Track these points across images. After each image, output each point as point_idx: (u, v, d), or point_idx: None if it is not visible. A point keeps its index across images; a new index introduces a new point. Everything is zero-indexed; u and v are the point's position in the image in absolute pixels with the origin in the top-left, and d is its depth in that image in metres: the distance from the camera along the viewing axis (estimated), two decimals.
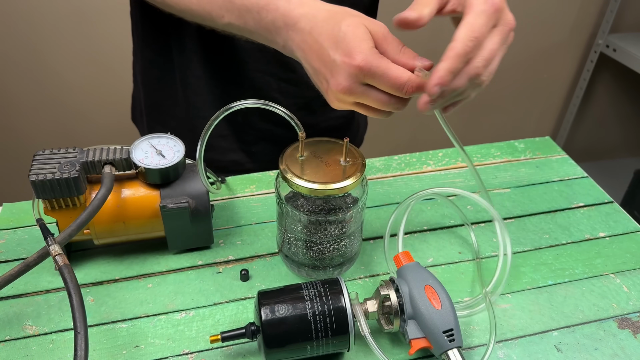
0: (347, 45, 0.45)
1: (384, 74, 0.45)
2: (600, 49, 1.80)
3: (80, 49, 1.46)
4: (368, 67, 0.45)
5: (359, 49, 0.45)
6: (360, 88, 0.46)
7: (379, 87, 0.46)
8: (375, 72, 0.45)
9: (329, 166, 0.53)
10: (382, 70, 0.45)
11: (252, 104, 0.52)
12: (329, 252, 0.57)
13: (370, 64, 0.45)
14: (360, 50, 0.45)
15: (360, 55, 0.45)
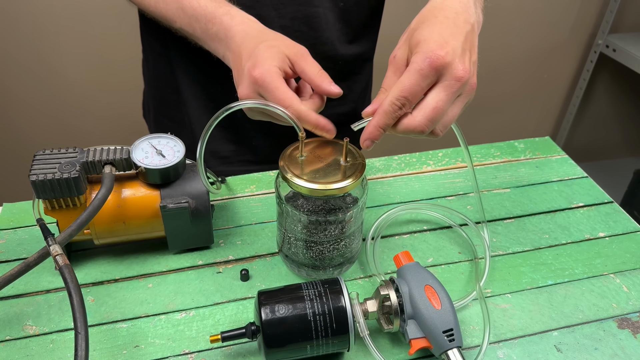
0: (255, 59, 0.52)
1: (272, 91, 0.51)
2: (600, 49, 1.80)
3: (81, 48, 1.46)
4: (262, 81, 0.51)
5: (261, 64, 0.51)
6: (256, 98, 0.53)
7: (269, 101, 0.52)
8: (267, 87, 0.51)
9: (329, 166, 0.53)
10: (272, 88, 0.51)
11: (252, 104, 0.52)
12: (329, 252, 0.57)
13: (264, 79, 0.51)
14: (262, 65, 0.51)
15: (259, 70, 0.51)
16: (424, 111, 0.47)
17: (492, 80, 1.81)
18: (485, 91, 1.83)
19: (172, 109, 0.84)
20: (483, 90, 1.90)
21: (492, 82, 1.81)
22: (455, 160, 0.79)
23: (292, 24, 0.72)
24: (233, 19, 0.57)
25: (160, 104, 0.86)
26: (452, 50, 0.46)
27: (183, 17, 0.61)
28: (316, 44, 0.74)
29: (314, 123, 0.52)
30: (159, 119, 0.88)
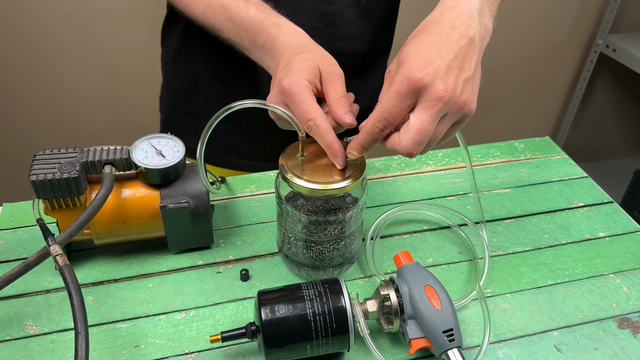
0: (288, 69, 0.52)
1: (297, 103, 0.51)
2: (600, 49, 1.80)
3: (81, 49, 1.46)
4: (289, 92, 0.51)
5: (292, 75, 0.51)
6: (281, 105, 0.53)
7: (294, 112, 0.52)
8: (293, 98, 0.51)
9: (328, 166, 0.53)
10: (298, 100, 0.51)
11: (252, 104, 0.52)
12: (329, 252, 0.57)
13: (291, 89, 0.51)
14: (292, 75, 0.51)
15: (288, 80, 0.51)
16: (409, 134, 0.46)
17: (492, 80, 1.81)
18: (485, 91, 1.83)
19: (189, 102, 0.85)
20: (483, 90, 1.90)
21: (492, 82, 1.81)
22: (455, 160, 0.79)
23: (309, 22, 0.71)
24: (280, 30, 0.57)
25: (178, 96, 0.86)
26: (433, 70, 0.45)
27: (231, 28, 0.62)
28: (332, 40, 0.74)
29: (328, 143, 0.51)
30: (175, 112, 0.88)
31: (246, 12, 0.60)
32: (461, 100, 0.46)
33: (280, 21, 0.59)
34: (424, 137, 0.46)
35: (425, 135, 0.46)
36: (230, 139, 0.85)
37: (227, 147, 0.86)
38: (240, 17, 0.60)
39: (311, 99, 0.51)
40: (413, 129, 0.46)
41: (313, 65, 0.53)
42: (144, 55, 1.51)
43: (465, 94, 0.46)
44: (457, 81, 0.46)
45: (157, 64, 1.55)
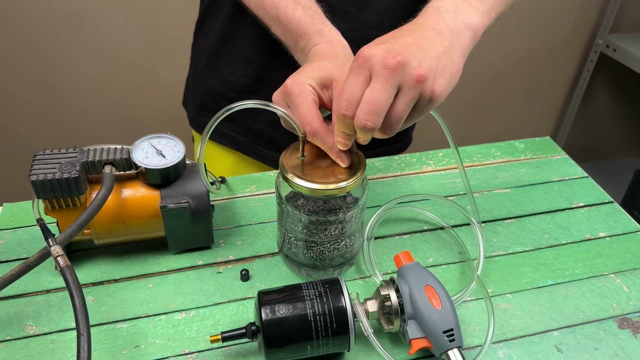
0: (299, 71, 0.52)
1: (296, 105, 0.51)
2: (600, 49, 1.80)
3: (80, 48, 1.46)
4: (290, 92, 0.51)
5: (298, 77, 0.51)
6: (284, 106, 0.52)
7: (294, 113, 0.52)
8: (292, 100, 0.51)
9: (329, 166, 0.53)
10: (297, 102, 0.51)
11: (252, 104, 0.52)
12: (329, 252, 0.57)
13: (292, 90, 0.51)
14: (298, 77, 0.51)
15: (292, 81, 0.51)
16: (361, 105, 0.45)
17: (492, 80, 1.81)
18: (486, 91, 1.83)
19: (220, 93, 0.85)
20: (483, 90, 1.90)
21: (492, 82, 1.81)
22: (454, 161, 0.79)
23: (340, 4, 0.70)
24: (322, 37, 0.57)
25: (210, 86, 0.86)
26: (383, 45, 0.45)
27: (278, 26, 0.62)
28: (363, 27, 0.73)
29: (329, 146, 0.51)
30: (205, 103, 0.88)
31: (293, 14, 0.60)
32: (416, 73, 0.45)
33: (324, 28, 0.58)
34: (377, 108, 0.45)
35: (377, 105, 0.45)
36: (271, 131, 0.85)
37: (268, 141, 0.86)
38: (287, 17, 0.60)
39: (310, 103, 0.51)
40: (365, 99, 0.45)
41: (326, 75, 0.52)
42: (144, 55, 1.52)
43: (423, 69, 0.45)
44: (408, 51, 0.45)
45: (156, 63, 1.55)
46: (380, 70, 0.44)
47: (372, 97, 0.45)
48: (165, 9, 1.45)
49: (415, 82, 0.45)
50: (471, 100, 1.84)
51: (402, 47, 0.45)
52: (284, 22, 0.61)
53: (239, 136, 0.86)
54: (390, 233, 0.66)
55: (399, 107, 0.46)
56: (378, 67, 0.44)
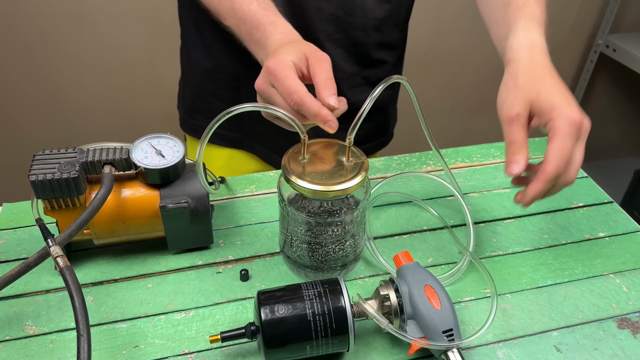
0: (274, 54, 0.55)
1: (281, 80, 0.53)
2: (600, 49, 1.80)
3: (80, 48, 1.46)
4: (273, 70, 0.53)
5: (277, 56, 0.54)
6: (269, 89, 0.55)
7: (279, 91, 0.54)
8: (277, 76, 0.53)
9: (331, 167, 0.53)
10: (282, 76, 0.53)
11: (252, 107, 0.52)
12: (334, 254, 0.57)
13: (275, 67, 0.53)
14: (277, 57, 0.54)
15: (272, 60, 0.54)
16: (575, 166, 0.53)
17: (493, 80, 1.80)
18: (486, 91, 1.83)
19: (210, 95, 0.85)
20: (484, 90, 1.90)
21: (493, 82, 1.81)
22: (455, 160, 0.79)
23: (328, 7, 0.72)
24: (276, 28, 0.60)
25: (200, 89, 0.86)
26: (577, 109, 0.53)
27: (232, 17, 0.64)
28: (349, 28, 0.75)
29: (315, 111, 0.52)
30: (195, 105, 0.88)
31: (248, 7, 0.62)
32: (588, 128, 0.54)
33: (277, 20, 0.61)
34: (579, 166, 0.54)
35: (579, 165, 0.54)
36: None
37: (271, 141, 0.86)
38: (242, 9, 0.62)
39: (293, 75, 0.53)
40: (577, 161, 0.53)
41: (299, 50, 0.55)
42: (143, 55, 1.51)
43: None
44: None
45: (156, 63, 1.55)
46: (584, 135, 0.54)
47: (581, 157, 0.54)
48: (165, 8, 1.45)
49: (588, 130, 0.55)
50: (471, 100, 1.84)
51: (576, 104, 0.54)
52: (240, 15, 0.62)
53: (232, 133, 0.86)
54: (390, 233, 0.66)
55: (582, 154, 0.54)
56: (584, 133, 0.53)
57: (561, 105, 0.53)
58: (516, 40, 0.59)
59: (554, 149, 0.52)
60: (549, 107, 0.53)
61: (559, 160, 0.51)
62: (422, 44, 1.66)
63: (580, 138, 0.53)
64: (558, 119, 0.52)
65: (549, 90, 0.54)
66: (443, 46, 1.69)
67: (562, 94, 0.54)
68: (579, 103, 2.06)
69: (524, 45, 0.58)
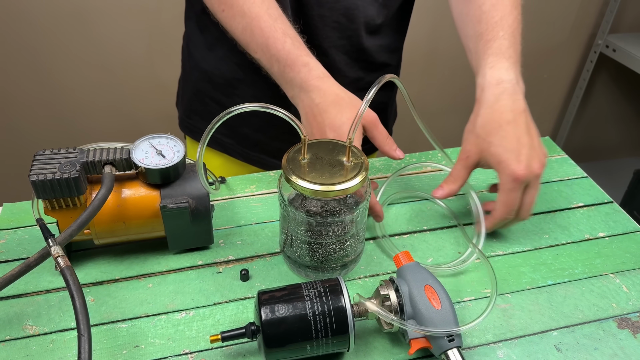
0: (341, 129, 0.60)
1: None
2: (600, 49, 1.80)
3: (80, 49, 1.46)
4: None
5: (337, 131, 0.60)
6: None
7: None
8: None
9: (332, 167, 0.53)
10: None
11: (252, 107, 0.52)
12: (334, 253, 0.57)
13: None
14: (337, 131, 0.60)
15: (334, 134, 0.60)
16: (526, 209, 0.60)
17: None
18: None
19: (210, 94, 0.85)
20: None
21: None
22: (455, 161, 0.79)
23: (331, 14, 0.73)
24: (310, 72, 0.63)
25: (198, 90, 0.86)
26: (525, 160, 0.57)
27: (265, 53, 0.65)
28: (352, 35, 0.76)
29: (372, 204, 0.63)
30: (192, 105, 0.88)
31: (282, 45, 0.63)
32: (545, 160, 0.59)
33: (311, 62, 0.64)
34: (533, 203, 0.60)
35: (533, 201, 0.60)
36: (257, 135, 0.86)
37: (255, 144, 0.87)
38: (276, 47, 0.64)
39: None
40: (527, 203, 0.60)
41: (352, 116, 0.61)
42: (144, 55, 1.52)
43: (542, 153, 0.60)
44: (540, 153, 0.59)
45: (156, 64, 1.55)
46: (534, 181, 0.58)
47: (532, 199, 0.60)
48: (165, 9, 1.45)
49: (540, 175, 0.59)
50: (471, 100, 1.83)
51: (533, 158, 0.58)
52: (273, 52, 0.64)
53: (225, 138, 0.86)
54: (390, 233, 0.66)
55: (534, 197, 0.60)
56: (533, 179, 0.58)
57: (507, 161, 0.57)
58: (482, 78, 0.63)
59: (499, 201, 0.59)
60: (495, 162, 0.58)
61: (504, 210, 0.59)
62: (421, 44, 1.66)
63: (530, 185, 0.58)
64: (502, 175, 0.58)
65: (501, 142, 0.58)
66: (443, 46, 1.69)
67: (512, 147, 0.58)
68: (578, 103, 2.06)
69: (489, 84, 0.62)
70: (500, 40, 0.63)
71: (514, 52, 0.63)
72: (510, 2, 0.65)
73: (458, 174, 0.62)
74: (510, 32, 0.63)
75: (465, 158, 0.62)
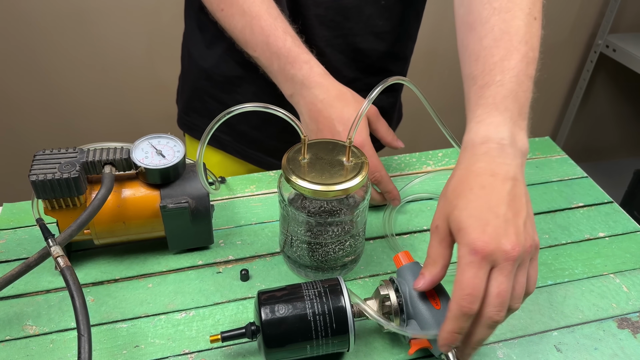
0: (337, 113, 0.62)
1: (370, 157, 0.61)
2: (600, 49, 1.80)
3: (80, 48, 1.46)
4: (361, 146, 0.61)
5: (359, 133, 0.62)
6: None
7: None
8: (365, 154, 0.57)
9: (332, 167, 0.53)
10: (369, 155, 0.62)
11: (252, 107, 0.52)
12: (334, 253, 0.57)
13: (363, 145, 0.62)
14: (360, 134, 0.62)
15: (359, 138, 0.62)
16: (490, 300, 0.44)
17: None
18: None
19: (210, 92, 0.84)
20: None
21: None
22: (455, 161, 0.79)
23: (327, 13, 0.73)
24: (312, 69, 0.64)
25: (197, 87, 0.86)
26: (493, 232, 0.43)
27: (265, 51, 0.65)
28: (348, 34, 0.76)
29: (390, 189, 0.66)
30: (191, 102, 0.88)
31: (283, 42, 0.64)
32: (528, 245, 0.45)
33: (312, 61, 0.65)
34: (505, 299, 0.44)
35: (505, 297, 0.44)
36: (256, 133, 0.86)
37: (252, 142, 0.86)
38: (277, 45, 0.64)
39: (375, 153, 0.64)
40: (493, 293, 0.43)
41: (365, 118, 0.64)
42: (144, 55, 1.52)
43: (529, 238, 0.45)
44: (518, 232, 0.44)
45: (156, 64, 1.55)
46: (503, 263, 0.43)
47: (500, 290, 0.43)
48: (165, 9, 1.45)
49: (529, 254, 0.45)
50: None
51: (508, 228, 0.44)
52: (274, 49, 0.64)
53: (223, 135, 0.86)
54: (390, 233, 0.66)
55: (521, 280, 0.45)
56: (501, 260, 0.43)
57: (468, 228, 0.44)
58: (467, 135, 0.51)
59: (455, 283, 0.44)
60: (456, 229, 0.45)
61: (460, 294, 0.43)
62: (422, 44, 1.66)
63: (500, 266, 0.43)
64: (459, 246, 0.45)
65: (466, 207, 0.45)
66: (443, 47, 1.69)
67: (478, 214, 0.45)
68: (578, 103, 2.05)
69: (472, 143, 0.49)
70: (495, 88, 0.50)
71: (513, 103, 0.50)
72: (521, 33, 0.52)
73: (436, 252, 0.48)
74: (511, 75, 0.51)
75: (435, 229, 0.48)
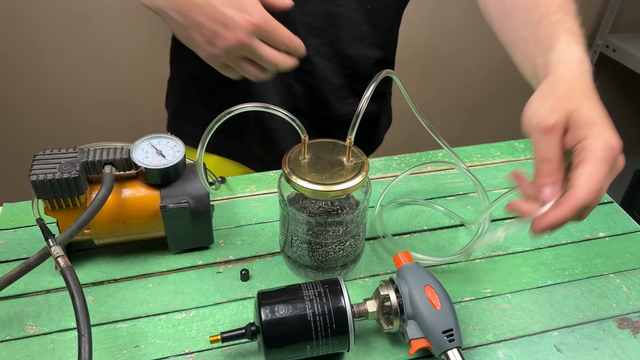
0: (241, 3, 0.51)
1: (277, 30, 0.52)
2: (599, 49, 1.80)
3: (80, 48, 1.46)
4: (266, 24, 0.51)
5: (255, 8, 0.51)
6: (256, 42, 0.52)
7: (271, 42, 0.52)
8: (270, 30, 0.51)
9: (332, 167, 0.53)
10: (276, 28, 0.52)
11: (252, 107, 0.52)
12: (334, 253, 0.57)
13: (267, 21, 0.51)
14: (257, 8, 0.51)
15: (258, 13, 0.51)
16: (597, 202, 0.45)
17: (492, 80, 1.81)
18: (486, 91, 1.83)
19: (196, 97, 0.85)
20: (483, 90, 1.90)
21: (492, 82, 1.81)
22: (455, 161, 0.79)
23: (313, 21, 0.72)
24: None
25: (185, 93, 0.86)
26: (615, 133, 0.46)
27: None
28: (335, 42, 0.75)
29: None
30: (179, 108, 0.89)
31: None
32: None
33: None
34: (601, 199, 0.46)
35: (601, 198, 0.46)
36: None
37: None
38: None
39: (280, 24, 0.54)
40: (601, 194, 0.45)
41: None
42: (144, 55, 1.51)
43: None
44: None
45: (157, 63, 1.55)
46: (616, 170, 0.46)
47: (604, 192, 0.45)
48: None
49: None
50: (471, 100, 1.84)
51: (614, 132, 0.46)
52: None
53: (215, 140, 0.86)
54: (390, 233, 0.66)
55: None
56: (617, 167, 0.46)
57: (603, 125, 0.46)
58: (558, 54, 0.51)
59: (587, 173, 0.43)
60: (587, 123, 0.45)
61: (591, 186, 0.42)
62: (422, 44, 1.66)
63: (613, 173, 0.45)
64: (596, 139, 0.44)
65: (592, 108, 0.47)
66: (443, 46, 1.69)
67: (604, 117, 0.47)
68: None
69: (569, 60, 0.51)
70: (570, 23, 0.52)
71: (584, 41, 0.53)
72: None
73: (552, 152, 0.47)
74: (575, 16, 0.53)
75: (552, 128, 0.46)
